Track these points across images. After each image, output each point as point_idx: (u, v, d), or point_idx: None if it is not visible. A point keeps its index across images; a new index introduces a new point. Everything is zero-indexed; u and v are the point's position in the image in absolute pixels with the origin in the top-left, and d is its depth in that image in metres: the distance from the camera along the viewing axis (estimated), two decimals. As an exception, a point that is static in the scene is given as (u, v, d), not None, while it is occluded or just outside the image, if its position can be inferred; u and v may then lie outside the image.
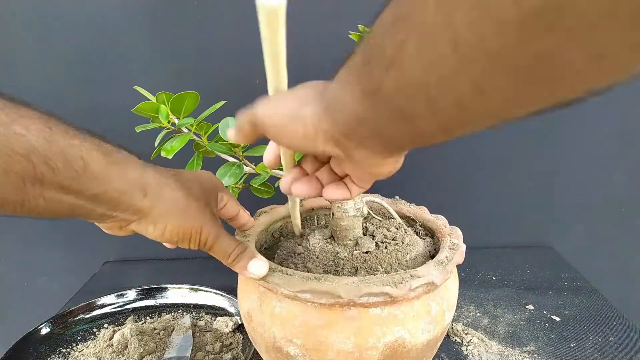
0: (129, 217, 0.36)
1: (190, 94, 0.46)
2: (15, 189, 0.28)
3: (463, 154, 0.91)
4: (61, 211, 0.32)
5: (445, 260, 0.45)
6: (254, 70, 0.83)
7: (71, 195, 0.31)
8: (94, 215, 0.35)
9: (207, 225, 0.39)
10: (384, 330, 0.41)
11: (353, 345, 0.41)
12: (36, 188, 0.29)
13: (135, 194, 0.35)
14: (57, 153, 0.30)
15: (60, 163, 0.30)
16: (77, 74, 0.81)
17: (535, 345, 0.64)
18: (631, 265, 1.00)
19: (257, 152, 0.52)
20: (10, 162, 0.27)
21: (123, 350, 0.62)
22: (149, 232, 0.38)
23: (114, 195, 0.34)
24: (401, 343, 0.42)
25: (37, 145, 0.29)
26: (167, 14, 0.79)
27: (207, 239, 0.39)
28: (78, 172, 0.31)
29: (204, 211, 0.40)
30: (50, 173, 0.29)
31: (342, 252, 0.50)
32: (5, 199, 0.29)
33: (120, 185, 0.34)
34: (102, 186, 0.33)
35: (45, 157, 0.29)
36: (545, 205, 0.95)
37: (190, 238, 0.39)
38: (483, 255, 0.91)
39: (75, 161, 0.31)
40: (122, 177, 0.34)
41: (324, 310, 0.41)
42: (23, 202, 0.29)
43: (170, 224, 0.37)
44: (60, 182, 0.30)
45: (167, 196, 0.37)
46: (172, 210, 0.37)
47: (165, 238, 0.38)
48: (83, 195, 0.32)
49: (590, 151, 0.91)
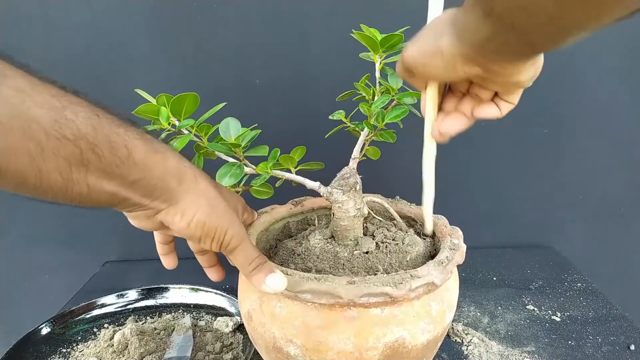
0: (160, 205, 0.37)
1: (190, 95, 0.45)
2: (62, 174, 0.29)
3: (463, 154, 0.91)
4: (101, 199, 0.33)
5: (445, 261, 0.45)
6: (254, 70, 0.84)
7: (113, 182, 0.32)
8: (128, 204, 0.35)
9: (233, 226, 0.39)
10: (384, 331, 0.41)
11: (353, 345, 0.41)
12: (81, 173, 0.30)
13: (171, 181, 0.36)
14: (103, 140, 0.31)
15: (106, 150, 0.31)
16: (77, 74, 0.81)
17: (536, 345, 0.64)
18: (631, 265, 1.00)
19: (258, 153, 0.52)
20: (59, 147, 0.28)
21: (123, 350, 0.62)
22: (175, 222, 0.37)
23: (152, 182, 0.35)
24: (401, 343, 0.42)
25: (85, 132, 0.30)
26: (168, 14, 0.79)
27: (230, 240, 0.39)
28: (121, 160, 0.32)
29: (231, 213, 0.40)
30: (96, 159, 0.31)
31: (343, 252, 0.50)
32: (52, 184, 0.29)
33: (159, 172, 0.35)
34: (142, 173, 0.34)
35: (92, 144, 0.30)
36: (545, 205, 0.95)
37: (215, 235, 0.38)
38: (483, 255, 0.91)
39: (119, 149, 0.32)
40: (162, 164, 0.35)
41: (324, 310, 0.41)
42: (67, 187, 0.30)
43: (197, 216, 0.37)
44: (105, 168, 0.31)
45: (201, 188, 0.38)
46: (203, 203, 0.38)
47: (190, 231, 0.38)
48: (124, 182, 0.33)
49: (590, 151, 0.91)
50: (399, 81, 0.52)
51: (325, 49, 0.82)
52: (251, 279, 0.41)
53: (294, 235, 0.58)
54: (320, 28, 0.81)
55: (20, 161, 0.27)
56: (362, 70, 0.55)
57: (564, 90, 0.87)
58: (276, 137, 0.68)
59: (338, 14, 0.80)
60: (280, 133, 0.84)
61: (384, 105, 0.50)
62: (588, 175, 0.93)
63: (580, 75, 0.86)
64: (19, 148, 0.27)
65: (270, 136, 0.59)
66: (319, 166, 0.56)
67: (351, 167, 0.52)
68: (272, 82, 0.84)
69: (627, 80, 0.86)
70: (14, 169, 0.28)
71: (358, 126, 0.54)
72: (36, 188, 0.29)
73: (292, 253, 0.51)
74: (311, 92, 0.85)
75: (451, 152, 0.93)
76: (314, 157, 0.56)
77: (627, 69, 0.86)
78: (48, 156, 0.28)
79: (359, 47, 0.52)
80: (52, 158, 0.29)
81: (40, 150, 0.28)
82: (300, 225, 0.62)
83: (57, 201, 0.31)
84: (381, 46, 0.49)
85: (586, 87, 0.87)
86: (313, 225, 0.60)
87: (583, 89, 0.87)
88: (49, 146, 0.28)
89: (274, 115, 0.86)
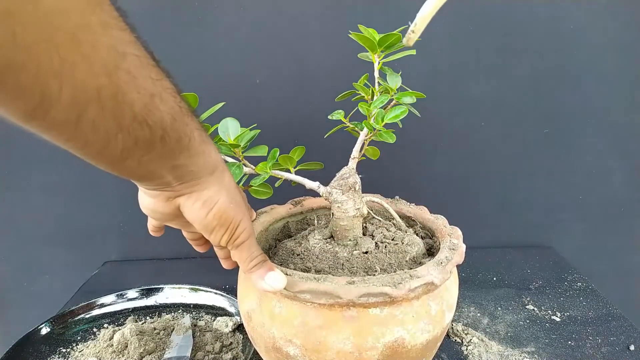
0: (185, 189, 0.38)
1: (189, 95, 0.45)
2: (123, 151, 0.30)
3: (463, 154, 0.91)
4: (141, 173, 0.34)
5: (445, 260, 0.45)
6: (255, 70, 0.84)
7: (161, 163, 0.34)
8: (159, 182, 0.36)
9: (245, 220, 0.41)
10: (384, 331, 0.41)
11: (352, 345, 0.41)
12: (142, 153, 0.31)
13: (206, 170, 0.38)
14: (176, 131, 0.32)
15: (174, 140, 0.33)
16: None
17: (536, 346, 0.64)
18: (631, 266, 1.00)
19: (257, 153, 0.52)
20: (137, 129, 0.29)
21: (123, 350, 0.62)
22: (194, 208, 0.38)
23: (193, 168, 0.36)
24: (401, 343, 0.42)
25: (165, 121, 0.31)
26: (168, 14, 0.79)
27: (241, 233, 0.40)
28: (181, 148, 0.34)
29: (245, 208, 0.42)
30: (161, 146, 0.32)
31: (342, 252, 0.50)
32: (112, 153, 0.30)
33: (203, 162, 0.37)
34: (189, 159, 0.35)
35: (166, 133, 0.31)
36: (545, 205, 0.95)
37: (229, 227, 0.39)
38: (483, 255, 0.91)
39: (184, 138, 0.34)
40: (208, 155, 0.37)
41: (323, 310, 0.41)
42: (122, 159, 0.31)
43: (218, 205, 0.38)
44: (164, 154, 0.33)
45: (227, 181, 0.40)
46: (224, 194, 0.39)
47: (208, 220, 0.39)
48: (169, 164, 0.34)
49: (590, 151, 0.91)
50: (398, 81, 0.52)
51: (325, 49, 0.82)
52: (251, 276, 0.42)
53: (293, 235, 0.58)
54: (320, 28, 0.81)
55: (100, 132, 0.28)
56: (361, 70, 0.55)
57: (564, 90, 0.87)
58: (276, 137, 0.68)
59: (338, 14, 0.80)
60: (280, 133, 0.84)
61: (383, 105, 0.50)
62: (588, 175, 0.93)
63: (580, 75, 0.86)
64: (101, 124, 0.28)
65: (270, 136, 0.59)
66: (319, 166, 0.56)
67: (350, 167, 0.52)
68: (272, 81, 0.84)
69: (627, 80, 0.86)
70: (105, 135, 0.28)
71: (357, 126, 0.54)
72: (99, 152, 0.30)
73: (291, 253, 0.51)
74: (311, 92, 0.85)
75: (451, 152, 0.94)
76: (314, 157, 0.56)
77: (627, 69, 0.86)
78: (124, 135, 0.29)
79: (358, 47, 0.52)
80: (126, 137, 0.29)
81: (119, 130, 0.29)
82: (300, 225, 0.62)
83: (99, 159, 0.31)
84: (379, 46, 0.49)
85: (586, 87, 0.87)
86: (312, 225, 0.60)
87: (583, 89, 0.87)
88: (129, 128, 0.29)
89: (274, 115, 0.86)
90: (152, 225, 0.48)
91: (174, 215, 0.40)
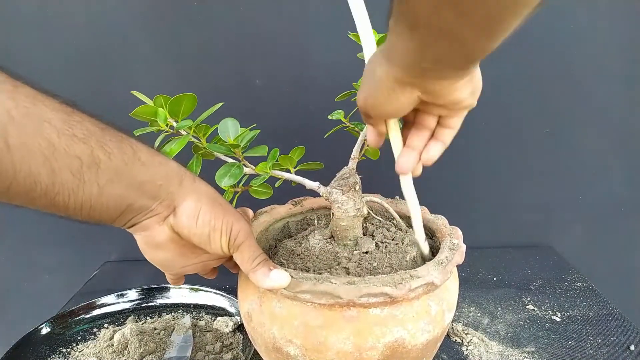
0: (167, 208, 0.38)
1: (188, 95, 0.45)
2: (73, 172, 0.31)
3: (463, 154, 0.90)
4: (110, 203, 0.34)
5: (445, 261, 0.45)
6: (255, 70, 0.84)
7: (122, 184, 0.34)
8: (135, 208, 0.37)
9: (239, 221, 0.41)
10: (384, 331, 0.41)
11: (353, 345, 0.41)
12: (92, 172, 0.32)
13: (173, 181, 0.38)
14: (111, 139, 0.33)
15: (115, 148, 0.33)
16: (77, 74, 0.81)
17: (536, 346, 0.64)
18: (631, 265, 1.00)
19: (257, 153, 0.52)
20: (70, 145, 0.30)
21: (123, 350, 0.62)
22: (184, 222, 0.39)
23: (158, 182, 0.37)
24: (401, 343, 0.42)
25: (94, 130, 0.32)
26: (168, 14, 0.79)
27: (238, 234, 0.40)
28: (129, 158, 0.34)
29: (234, 210, 0.42)
30: (105, 158, 0.33)
31: (342, 252, 0.49)
32: (64, 183, 0.31)
33: (163, 172, 0.37)
34: (148, 172, 0.36)
35: (101, 142, 0.33)
36: (545, 205, 0.95)
37: (222, 229, 0.39)
38: (483, 255, 0.91)
39: (126, 148, 0.34)
40: (165, 165, 0.38)
41: (323, 310, 0.41)
42: (78, 187, 0.32)
43: (203, 211, 0.39)
44: (114, 167, 0.33)
45: (202, 188, 0.40)
46: (204, 200, 0.39)
47: (199, 228, 0.39)
48: (132, 183, 0.35)
49: (590, 151, 0.91)
50: None
51: (325, 49, 0.82)
52: (255, 275, 0.42)
53: (293, 235, 0.58)
54: (320, 28, 0.81)
55: (33, 159, 0.29)
56: (361, 70, 0.55)
57: (564, 90, 0.87)
58: (276, 137, 0.68)
59: (338, 14, 0.80)
60: (280, 133, 0.84)
61: None
62: (588, 175, 0.93)
63: (580, 75, 0.86)
64: (32, 145, 0.29)
65: (270, 136, 0.59)
66: (319, 166, 0.56)
67: (350, 167, 0.52)
68: (272, 82, 0.84)
69: (627, 80, 0.86)
70: (28, 169, 0.29)
71: (357, 126, 0.54)
72: (47, 192, 0.31)
73: (291, 253, 0.51)
74: (311, 92, 0.85)
75: (451, 152, 0.94)
76: (314, 157, 0.56)
77: (627, 69, 0.85)
78: (60, 154, 0.30)
79: (358, 47, 0.52)
80: (64, 156, 0.30)
81: (52, 148, 0.30)
82: (300, 225, 0.62)
83: (67, 209, 0.32)
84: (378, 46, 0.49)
85: (586, 87, 0.87)
86: (313, 225, 0.60)
87: (583, 89, 0.87)
88: (61, 144, 0.30)
89: (274, 115, 0.86)
90: (170, 275, 0.48)
91: (176, 243, 0.40)
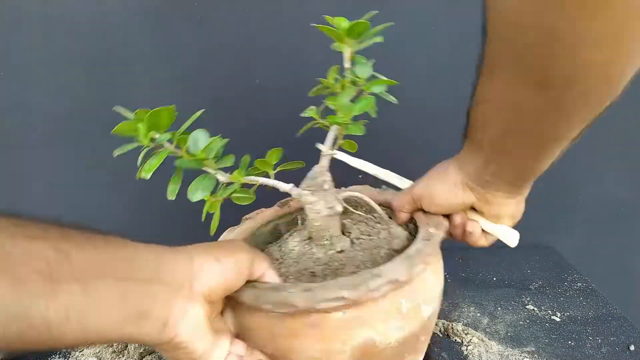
0: (186, 291, 0.37)
1: (167, 108, 0.41)
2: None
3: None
4: (133, 302, 0.34)
5: (414, 254, 0.42)
6: (255, 70, 0.84)
7: (133, 281, 0.35)
8: (156, 314, 0.35)
9: (258, 256, 0.42)
10: (349, 334, 0.40)
11: (320, 351, 0.40)
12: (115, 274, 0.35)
13: (187, 272, 0.38)
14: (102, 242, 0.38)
15: (111, 244, 0.39)
16: (77, 74, 0.81)
17: (536, 346, 0.64)
18: (631, 266, 1.00)
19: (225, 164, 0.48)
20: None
21: (123, 350, 0.62)
22: (213, 278, 0.38)
23: (175, 278, 0.37)
24: (371, 344, 0.40)
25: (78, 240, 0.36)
26: (168, 15, 0.79)
27: (260, 266, 0.42)
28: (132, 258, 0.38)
29: (249, 247, 0.43)
30: (103, 243, 0.38)
31: (318, 253, 0.48)
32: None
33: (179, 267, 0.38)
34: (157, 269, 0.37)
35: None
36: (545, 206, 0.95)
37: (242, 266, 0.40)
38: (483, 255, 0.91)
39: (127, 247, 0.39)
40: (175, 261, 0.38)
41: (286, 319, 0.40)
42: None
43: (222, 251, 0.39)
44: (121, 267, 0.36)
45: (201, 248, 0.40)
46: (219, 272, 0.39)
47: (228, 270, 0.39)
48: (144, 280, 0.36)
49: (590, 151, 0.91)
50: (368, 70, 0.48)
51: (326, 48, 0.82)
52: None
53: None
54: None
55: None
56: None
57: (564, 90, 0.87)
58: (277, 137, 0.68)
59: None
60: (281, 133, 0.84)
61: (351, 97, 0.47)
62: (588, 175, 0.93)
63: (580, 75, 0.86)
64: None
65: (271, 136, 0.58)
66: (300, 165, 0.53)
67: (321, 165, 0.50)
68: (272, 82, 0.84)
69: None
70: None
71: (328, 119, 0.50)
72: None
73: (273, 258, 0.50)
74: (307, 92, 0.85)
75: (452, 153, 0.93)
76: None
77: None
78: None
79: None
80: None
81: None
82: (291, 227, 0.59)
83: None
84: (348, 35, 0.46)
85: (586, 87, 0.87)
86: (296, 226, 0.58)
87: (583, 89, 0.87)
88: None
89: (274, 115, 0.86)
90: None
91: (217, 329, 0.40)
